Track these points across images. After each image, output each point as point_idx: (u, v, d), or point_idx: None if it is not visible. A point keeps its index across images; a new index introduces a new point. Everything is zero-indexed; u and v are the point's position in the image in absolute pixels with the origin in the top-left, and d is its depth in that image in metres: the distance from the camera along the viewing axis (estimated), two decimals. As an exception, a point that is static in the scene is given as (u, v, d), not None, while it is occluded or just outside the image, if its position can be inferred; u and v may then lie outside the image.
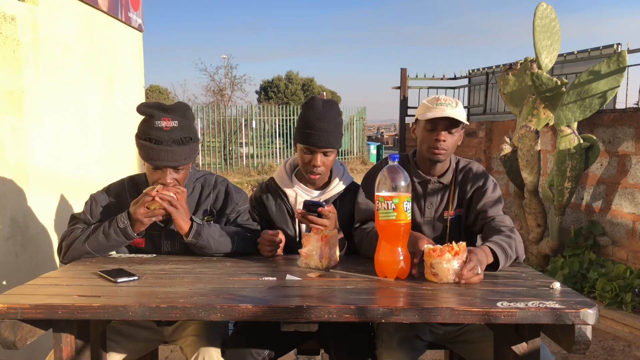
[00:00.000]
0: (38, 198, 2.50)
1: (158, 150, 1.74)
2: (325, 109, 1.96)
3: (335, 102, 2.04)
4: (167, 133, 1.75)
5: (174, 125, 1.76)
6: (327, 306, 1.33)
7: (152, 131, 1.75)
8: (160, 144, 1.74)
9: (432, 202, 1.94)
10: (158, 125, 1.75)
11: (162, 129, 1.75)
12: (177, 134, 1.76)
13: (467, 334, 1.85)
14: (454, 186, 1.94)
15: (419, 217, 1.94)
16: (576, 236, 4.21)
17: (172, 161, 1.77)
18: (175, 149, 1.76)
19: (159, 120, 1.75)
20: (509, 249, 1.67)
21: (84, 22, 3.01)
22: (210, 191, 1.97)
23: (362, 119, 17.56)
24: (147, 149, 1.75)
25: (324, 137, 1.91)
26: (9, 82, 2.33)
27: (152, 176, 1.82)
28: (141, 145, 1.78)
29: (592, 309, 1.30)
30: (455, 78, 7.08)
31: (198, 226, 1.79)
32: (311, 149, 1.94)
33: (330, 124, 1.93)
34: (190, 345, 1.76)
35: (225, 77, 22.40)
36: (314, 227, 1.76)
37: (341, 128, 2.00)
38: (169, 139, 1.75)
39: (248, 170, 13.76)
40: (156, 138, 1.74)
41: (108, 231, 1.77)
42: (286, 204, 2.06)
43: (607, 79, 3.44)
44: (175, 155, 1.76)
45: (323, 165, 1.96)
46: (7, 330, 1.34)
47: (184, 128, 1.79)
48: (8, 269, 2.29)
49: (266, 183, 2.15)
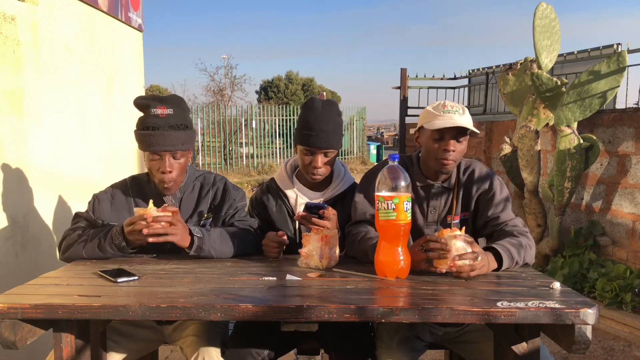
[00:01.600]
0: (38, 198, 2.50)
1: (156, 135, 1.80)
2: (325, 109, 1.95)
3: (334, 102, 2.04)
4: (163, 120, 1.82)
5: (170, 113, 1.83)
6: (327, 306, 1.33)
7: (149, 119, 1.82)
8: (157, 129, 1.80)
9: (435, 206, 1.88)
10: (154, 113, 1.82)
11: (158, 116, 1.82)
12: (172, 120, 1.83)
13: (467, 335, 1.85)
14: (457, 189, 1.88)
15: (422, 221, 1.89)
16: (576, 236, 4.21)
17: (169, 145, 1.82)
18: (172, 134, 1.82)
19: (154, 108, 1.82)
20: (517, 255, 1.65)
21: (84, 22, 3.01)
22: (209, 189, 1.99)
23: (362, 119, 17.57)
24: (145, 136, 1.81)
25: (324, 138, 1.91)
26: (9, 82, 2.33)
27: (153, 166, 1.85)
28: (139, 135, 1.83)
29: (592, 308, 1.30)
30: (455, 78, 7.09)
31: (199, 240, 1.78)
32: (311, 150, 1.93)
33: (330, 125, 1.92)
34: (190, 345, 1.76)
35: (225, 77, 22.40)
36: (314, 228, 1.76)
37: (341, 128, 2.00)
38: (165, 124, 1.81)
39: (248, 170, 13.76)
40: (153, 125, 1.81)
41: (104, 245, 1.77)
42: (286, 205, 2.06)
43: (607, 79, 3.44)
44: (172, 139, 1.82)
45: (324, 166, 1.96)
46: (7, 330, 1.35)
47: (179, 116, 1.85)
48: (8, 269, 2.29)
49: (267, 184, 2.16)
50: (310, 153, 1.95)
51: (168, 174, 1.84)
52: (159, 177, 1.86)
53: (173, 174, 1.86)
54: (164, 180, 1.86)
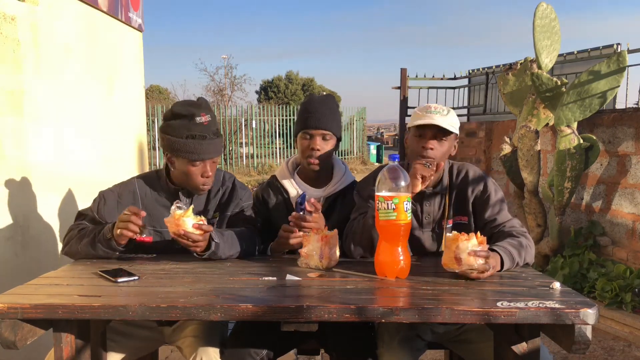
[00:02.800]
0: (38, 198, 2.50)
1: (206, 144, 1.83)
2: (322, 97, 2.06)
3: (332, 95, 2.10)
4: (207, 127, 1.85)
5: (210, 120, 1.87)
6: (327, 306, 1.33)
7: (196, 127, 1.83)
8: (205, 138, 1.83)
9: (429, 212, 1.89)
10: (199, 121, 1.84)
11: (203, 124, 1.84)
12: (213, 126, 1.88)
13: (468, 333, 1.84)
14: (450, 193, 1.89)
15: (418, 228, 1.89)
16: (576, 236, 4.21)
17: (215, 153, 1.87)
18: (216, 141, 1.86)
19: (199, 117, 1.84)
20: (518, 256, 1.66)
21: (84, 22, 3.01)
22: (219, 188, 2.00)
23: (362, 119, 17.56)
24: (195, 145, 1.82)
25: (322, 119, 1.98)
26: (9, 82, 2.33)
27: (194, 172, 1.85)
28: (185, 144, 1.82)
29: (592, 308, 1.30)
30: (455, 78, 7.08)
31: (216, 246, 1.78)
32: (309, 132, 1.98)
33: (327, 109, 2.01)
34: (189, 346, 1.76)
35: (225, 77, 22.44)
36: (314, 228, 1.77)
37: (339, 116, 2.07)
38: (210, 132, 1.85)
39: (248, 170, 13.76)
40: (200, 134, 1.83)
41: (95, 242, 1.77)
42: (287, 202, 2.07)
43: (607, 79, 3.44)
44: (217, 146, 1.87)
45: (322, 150, 1.98)
46: (7, 330, 1.35)
47: (215, 121, 1.91)
48: (8, 269, 2.29)
49: (268, 181, 2.18)
50: (308, 136, 1.98)
51: (209, 179, 1.89)
52: (201, 182, 1.88)
53: (212, 178, 1.91)
54: (206, 184, 1.89)
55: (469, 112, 6.95)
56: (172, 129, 1.84)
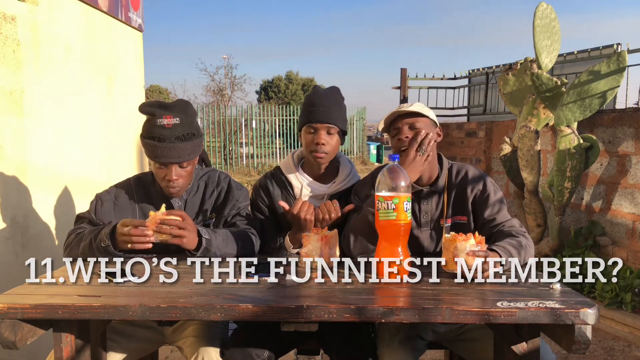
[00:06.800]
0: (38, 198, 2.50)
1: (162, 147, 1.78)
2: (327, 90, 2.04)
3: (337, 87, 2.08)
4: (169, 130, 1.79)
5: (176, 122, 1.80)
6: (327, 306, 1.33)
7: (155, 129, 1.79)
8: (164, 141, 1.78)
9: (427, 211, 1.89)
10: (160, 124, 1.79)
11: (164, 127, 1.79)
12: (179, 130, 1.80)
13: (468, 333, 1.84)
14: (449, 192, 1.89)
15: (416, 228, 1.89)
16: (576, 236, 4.21)
17: (175, 157, 1.80)
18: (178, 145, 1.79)
19: (160, 118, 1.79)
20: (517, 256, 1.65)
21: (84, 22, 3.01)
22: (214, 189, 1.98)
23: (362, 119, 17.56)
24: (151, 147, 1.79)
25: (326, 112, 1.95)
26: (9, 82, 2.33)
27: (159, 174, 1.86)
28: (145, 144, 1.82)
29: (592, 308, 1.30)
30: (455, 78, 7.09)
31: (207, 242, 1.77)
32: (314, 126, 1.95)
33: (331, 102, 1.98)
34: (190, 346, 1.76)
35: (225, 77, 22.46)
36: (314, 228, 1.77)
37: (344, 110, 2.03)
38: (172, 135, 1.79)
39: (248, 170, 13.76)
40: (159, 136, 1.78)
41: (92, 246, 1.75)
42: (291, 196, 2.05)
43: (607, 79, 3.44)
44: (179, 151, 1.80)
45: (327, 144, 1.96)
46: (7, 330, 1.34)
47: (186, 124, 1.82)
48: (8, 269, 2.29)
49: (271, 172, 2.13)
50: (313, 130, 1.96)
51: (174, 182, 1.85)
52: (164, 185, 1.87)
53: (179, 182, 1.86)
54: (171, 187, 1.86)
55: (469, 112, 6.95)
56: (142, 127, 1.85)
